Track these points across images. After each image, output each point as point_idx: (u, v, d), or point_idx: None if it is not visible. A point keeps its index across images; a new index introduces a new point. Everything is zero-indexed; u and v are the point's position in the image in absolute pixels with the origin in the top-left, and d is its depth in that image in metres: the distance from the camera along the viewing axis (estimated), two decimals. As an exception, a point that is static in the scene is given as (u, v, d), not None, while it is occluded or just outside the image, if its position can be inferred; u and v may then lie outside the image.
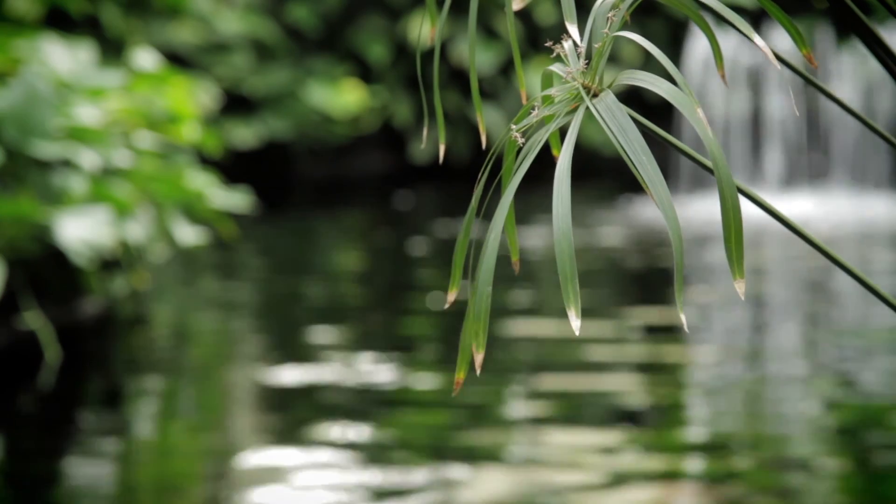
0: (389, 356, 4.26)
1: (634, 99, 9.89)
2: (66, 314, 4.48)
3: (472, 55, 1.05)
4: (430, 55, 8.96)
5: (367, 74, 10.43)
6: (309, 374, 3.97)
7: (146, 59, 5.28)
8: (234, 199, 5.24)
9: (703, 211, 8.24)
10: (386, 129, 10.52)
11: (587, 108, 0.92)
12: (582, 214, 8.09)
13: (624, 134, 0.89)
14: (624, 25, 0.96)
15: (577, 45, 0.96)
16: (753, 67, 9.63)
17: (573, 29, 0.96)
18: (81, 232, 4.09)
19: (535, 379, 3.94)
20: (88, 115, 4.49)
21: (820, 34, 9.77)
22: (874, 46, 1.07)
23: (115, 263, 4.60)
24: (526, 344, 4.45)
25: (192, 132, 5.08)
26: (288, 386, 3.86)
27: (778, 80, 9.48)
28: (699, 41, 9.52)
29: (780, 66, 0.96)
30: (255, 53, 10.04)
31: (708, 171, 0.91)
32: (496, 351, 4.24)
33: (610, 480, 2.91)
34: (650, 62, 9.72)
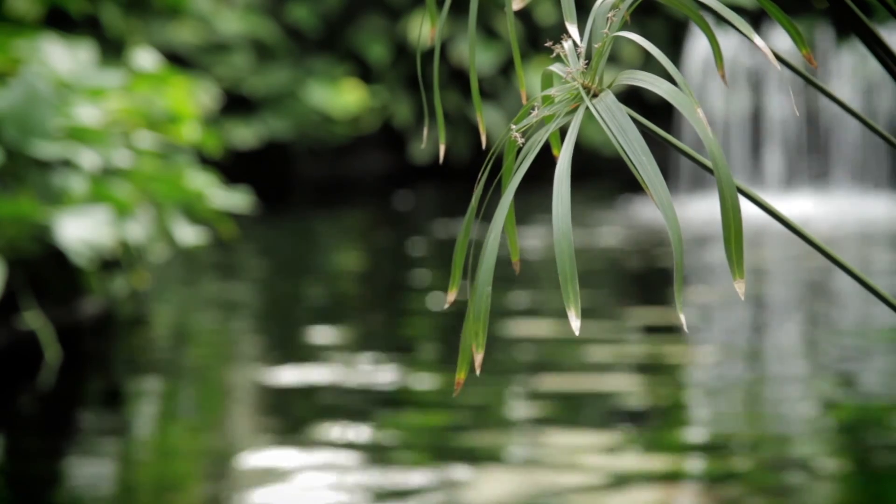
0: (390, 357, 4.26)
1: (634, 99, 9.89)
2: (66, 314, 4.47)
3: (472, 55, 1.05)
4: (430, 55, 8.95)
5: (367, 74, 10.43)
6: (309, 374, 3.97)
7: (146, 59, 5.27)
8: (234, 199, 5.23)
9: (703, 211, 8.24)
10: (386, 129, 10.52)
11: (587, 108, 0.92)
12: (582, 215, 8.09)
13: (623, 134, 0.89)
14: (624, 25, 0.96)
15: (576, 45, 0.96)
16: (754, 68, 9.63)
17: (573, 29, 0.96)
18: (81, 232, 4.09)
19: (535, 379, 3.94)
20: (88, 115, 4.49)
21: (820, 34, 9.77)
22: (874, 46, 1.07)
23: (115, 263, 4.60)
24: (526, 344, 4.45)
25: (192, 132, 5.08)
26: (288, 386, 3.86)
27: (778, 80, 9.47)
28: (699, 41, 9.52)
29: (780, 66, 0.95)
30: (255, 53, 10.04)
31: (708, 171, 0.91)
32: (497, 352, 4.24)
33: (611, 481, 2.91)
34: (650, 62, 9.72)
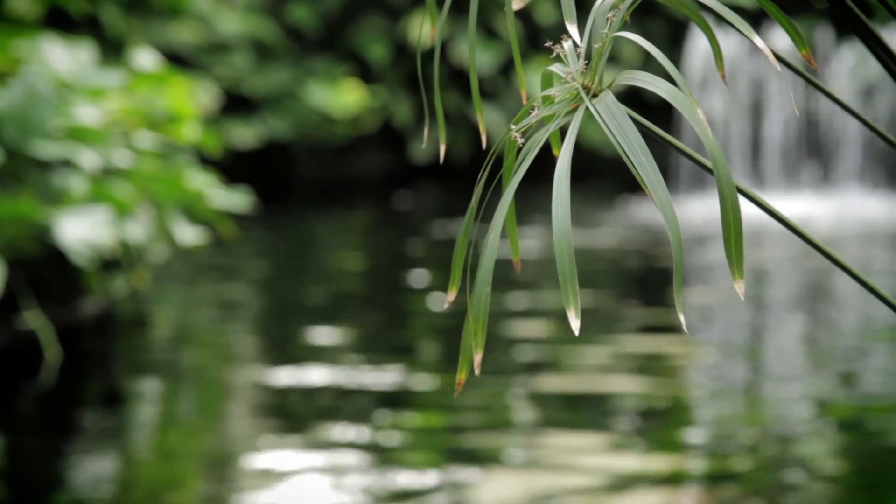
0: (390, 357, 4.26)
1: (634, 99, 9.89)
2: (66, 314, 4.47)
3: (472, 55, 1.05)
4: (430, 55, 8.95)
5: (367, 74, 10.43)
6: (308, 375, 3.97)
7: (146, 59, 5.27)
8: (234, 199, 5.23)
9: (702, 211, 8.24)
10: (386, 129, 10.52)
11: (587, 108, 0.92)
12: (582, 215, 8.09)
13: (623, 134, 0.89)
14: (624, 25, 0.96)
15: (576, 45, 0.96)
16: (754, 68, 9.63)
17: (573, 29, 0.96)
18: (81, 232, 4.09)
19: (534, 380, 3.94)
20: (88, 115, 4.49)
21: (820, 34, 9.77)
22: (874, 46, 1.07)
23: (115, 263, 4.60)
24: (525, 345, 4.45)
25: (192, 132, 5.08)
26: (287, 387, 3.86)
27: (778, 80, 9.47)
28: (699, 41, 9.52)
29: (780, 66, 0.95)
30: (255, 53, 10.04)
31: (707, 171, 0.91)
32: (497, 352, 4.24)
33: (614, 483, 2.91)
34: (650, 62, 9.72)
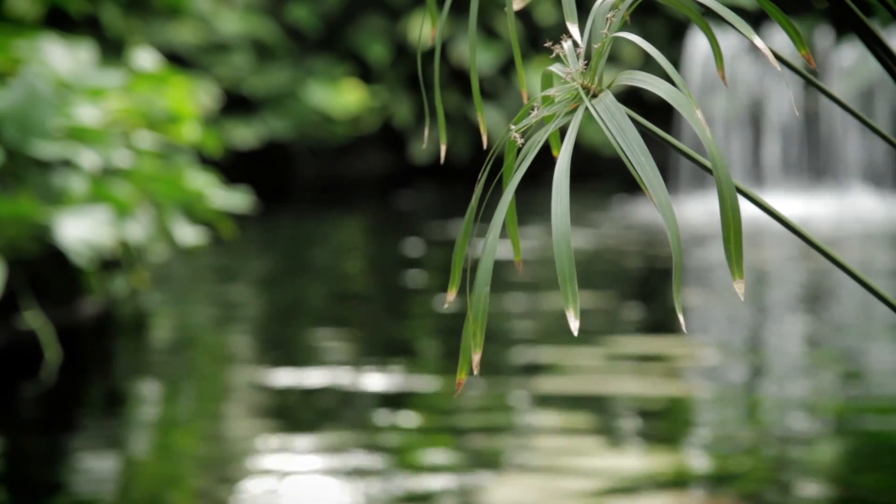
0: (390, 358, 4.26)
1: (634, 99, 9.89)
2: (66, 314, 4.47)
3: (472, 55, 1.05)
4: (430, 55, 8.95)
5: (367, 74, 10.43)
6: (308, 376, 3.96)
7: (146, 59, 5.28)
8: (234, 199, 5.24)
9: (702, 211, 8.24)
10: (386, 129, 10.52)
11: (586, 108, 0.92)
12: (581, 215, 8.09)
13: (623, 134, 0.89)
14: (624, 26, 0.96)
15: (576, 45, 0.96)
16: (754, 68, 9.63)
17: (574, 29, 0.96)
18: (81, 232, 4.09)
19: (533, 381, 3.94)
20: (88, 115, 4.49)
21: (820, 34, 9.77)
22: (874, 46, 1.07)
23: (115, 263, 4.60)
24: (525, 345, 4.45)
25: (192, 132, 5.08)
26: (287, 388, 3.86)
27: (778, 80, 9.48)
28: (699, 41, 9.52)
29: (780, 66, 0.95)
30: (255, 53, 10.04)
31: (707, 171, 0.91)
32: (497, 353, 4.24)
33: (616, 485, 2.90)
34: (650, 62, 9.72)
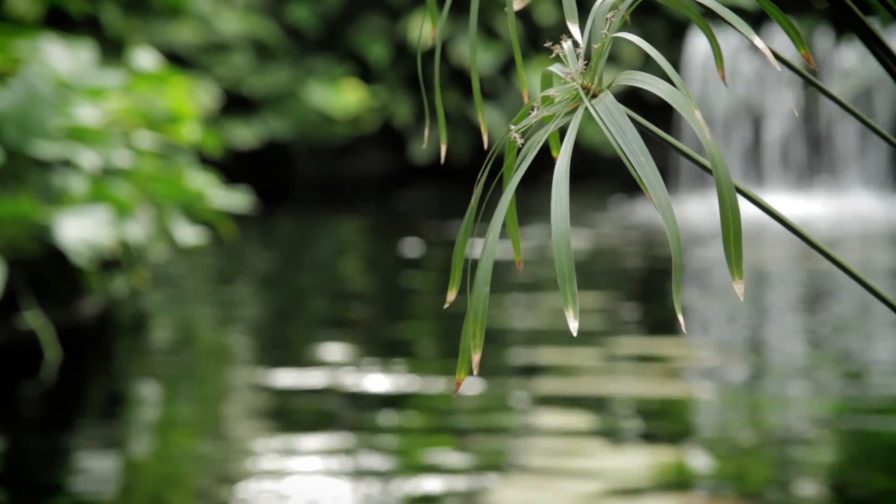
0: (391, 359, 4.25)
1: (635, 99, 9.89)
2: (66, 314, 4.47)
3: (472, 55, 1.05)
4: (430, 55, 8.95)
5: (367, 74, 10.43)
6: (308, 377, 3.96)
7: (146, 59, 5.28)
8: (234, 199, 5.23)
9: (702, 212, 8.24)
10: (386, 129, 10.52)
11: (586, 108, 0.92)
12: (580, 215, 8.09)
13: (622, 135, 0.89)
14: (624, 26, 0.96)
15: (576, 45, 0.96)
16: (754, 68, 9.63)
17: (574, 28, 0.96)
18: (81, 232, 4.09)
19: (533, 382, 3.94)
20: (88, 115, 4.49)
21: (820, 34, 9.77)
22: (874, 46, 1.07)
23: (115, 263, 4.60)
24: (525, 346, 4.45)
25: (192, 132, 5.08)
26: (287, 388, 3.85)
27: (778, 80, 9.48)
28: (700, 41, 9.52)
29: (779, 66, 0.95)
30: (255, 53, 10.04)
31: (707, 171, 0.91)
32: (496, 354, 4.24)
33: (619, 487, 2.90)
34: (651, 62, 9.72)
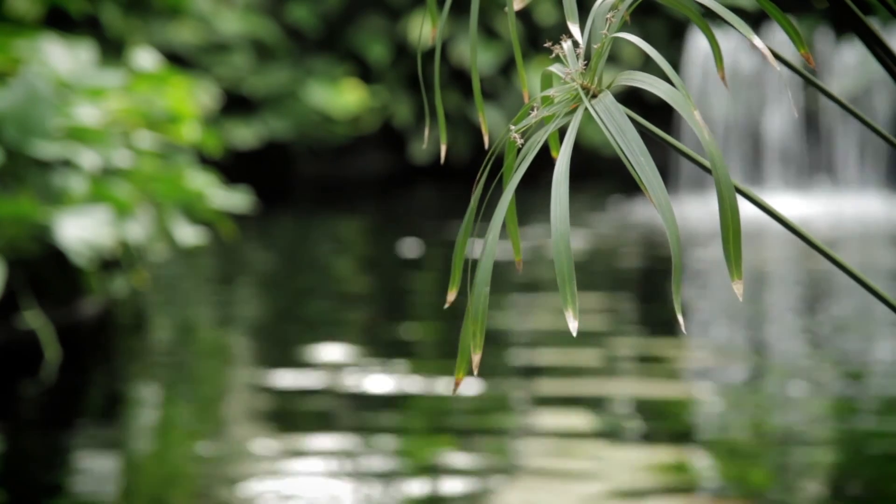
0: (391, 359, 4.25)
1: (634, 99, 9.88)
2: (66, 314, 4.47)
3: (473, 55, 1.05)
4: (430, 55, 8.95)
5: (367, 74, 10.43)
6: (310, 377, 3.96)
7: (146, 59, 5.27)
8: (234, 199, 5.23)
9: (702, 212, 8.24)
10: (386, 129, 10.52)
11: (586, 108, 0.92)
12: (580, 215, 8.08)
13: (622, 135, 0.89)
14: (623, 26, 0.96)
15: (576, 45, 0.96)
16: (754, 68, 9.63)
17: (575, 28, 0.96)
18: (81, 232, 4.09)
19: (534, 383, 3.94)
20: (88, 115, 4.49)
21: (820, 34, 9.77)
22: (874, 46, 1.07)
23: (115, 263, 4.60)
24: (524, 346, 4.45)
25: (192, 132, 5.08)
26: (289, 389, 3.85)
27: (778, 80, 9.47)
28: (700, 41, 9.52)
29: (779, 66, 0.95)
30: (255, 53, 10.04)
31: (707, 171, 0.91)
32: (497, 355, 4.24)
33: (621, 490, 2.89)
34: (651, 63, 9.71)
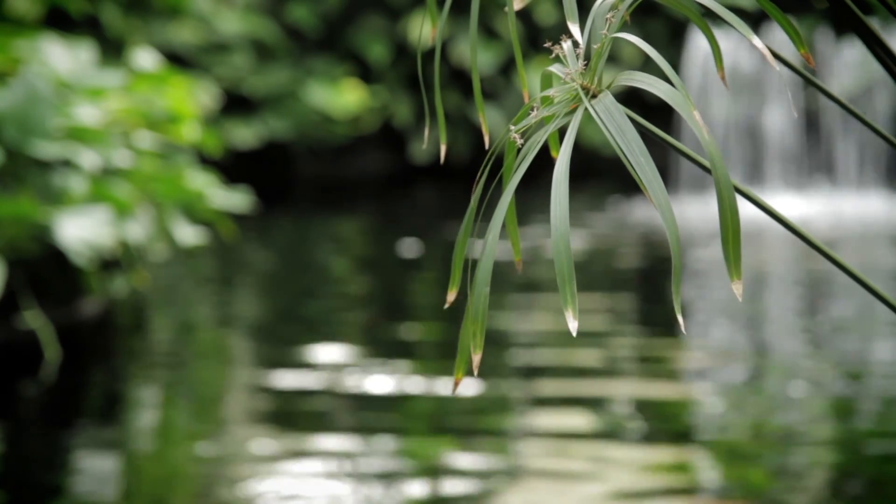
0: (392, 360, 4.25)
1: (634, 99, 9.88)
2: (66, 314, 4.47)
3: (473, 55, 1.05)
4: (430, 55, 8.95)
5: (367, 74, 10.43)
6: (310, 378, 3.96)
7: (146, 59, 5.27)
8: (234, 199, 5.24)
9: (703, 212, 8.24)
10: (386, 129, 10.52)
11: (586, 109, 0.92)
12: (579, 215, 8.08)
13: (622, 135, 0.89)
14: (623, 26, 0.96)
15: (576, 45, 0.96)
16: (754, 69, 9.63)
17: (575, 28, 0.96)
18: (81, 232, 4.09)
19: (534, 384, 3.93)
20: (88, 115, 4.49)
21: (820, 34, 9.77)
22: (874, 46, 1.07)
23: (115, 263, 4.60)
24: (524, 347, 4.45)
25: (192, 132, 5.08)
26: (290, 390, 3.85)
27: (778, 81, 9.47)
28: (700, 42, 9.52)
29: (778, 66, 0.95)
30: (255, 53, 10.04)
31: (706, 171, 0.91)
32: (496, 355, 4.24)
33: (623, 492, 2.89)
34: (651, 63, 9.71)
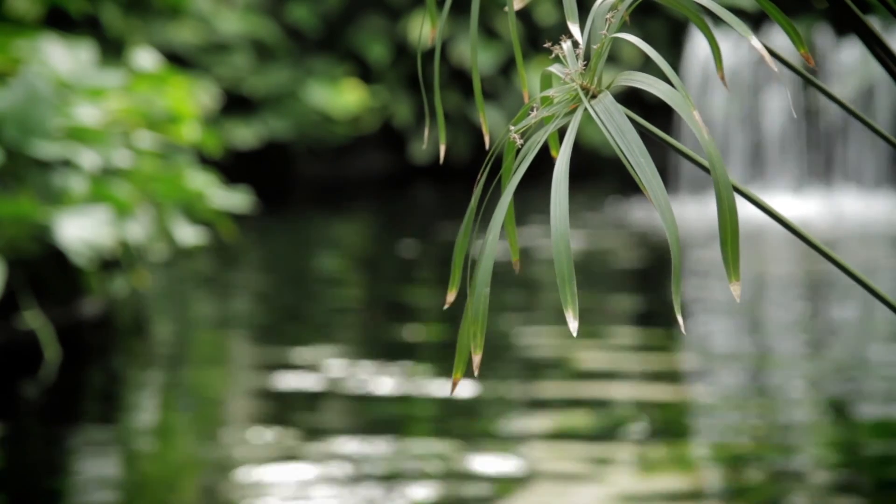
0: (392, 361, 4.25)
1: (634, 100, 9.88)
2: (66, 314, 4.47)
3: (473, 55, 1.05)
4: (430, 55, 8.95)
5: (367, 74, 10.42)
6: (310, 378, 3.96)
7: (146, 59, 5.27)
8: (234, 199, 5.23)
9: (702, 212, 8.23)
10: (386, 129, 10.52)
11: (585, 109, 0.92)
12: (578, 215, 8.08)
13: (622, 135, 0.89)
14: (623, 26, 0.96)
15: (576, 45, 0.96)
16: (754, 69, 9.63)
17: (575, 28, 0.96)
18: (81, 232, 4.09)
19: (534, 386, 3.93)
20: (88, 115, 4.49)
21: (820, 34, 9.77)
22: (874, 46, 1.07)
23: (115, 263, 4.60)
24: (524, 347, 4.44)
25: (192, 132, 5.08)
26: (290, 391, 3.85)
27: (778, 81, 9.47)
28: (700, 42, 9.52)
29: (777, 66, 0.96)
30: (255, 53, 10.04)
31: (706, 172, 0.91)
32: (496, 355, 4.24)
33: (625, 494, 2.89)
34: (651, 63, 9.71)
